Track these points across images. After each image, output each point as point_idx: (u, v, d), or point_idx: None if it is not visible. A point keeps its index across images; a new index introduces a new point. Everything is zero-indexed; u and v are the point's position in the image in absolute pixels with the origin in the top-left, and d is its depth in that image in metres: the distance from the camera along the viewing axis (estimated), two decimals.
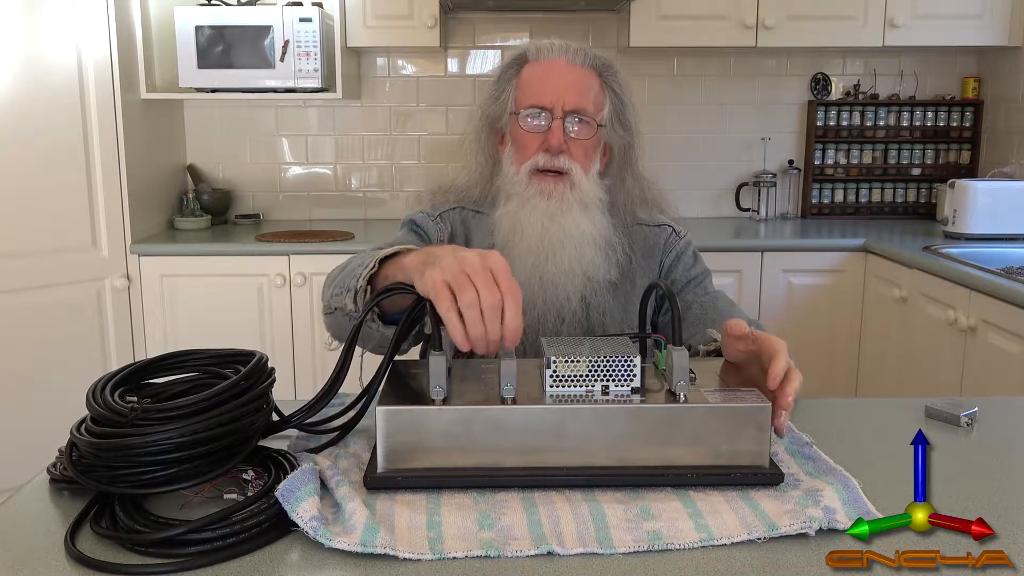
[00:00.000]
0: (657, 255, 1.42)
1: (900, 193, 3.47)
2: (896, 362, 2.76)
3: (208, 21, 2.91)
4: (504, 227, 1.32)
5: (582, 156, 1.31)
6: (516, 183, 1.32)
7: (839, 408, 1.19)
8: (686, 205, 3.46)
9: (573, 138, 1.30)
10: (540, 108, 1.30)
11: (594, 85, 1.33)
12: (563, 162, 1.29)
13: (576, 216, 1.30)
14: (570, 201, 1.30)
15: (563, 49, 1.33)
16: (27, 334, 2.59)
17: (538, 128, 1.31)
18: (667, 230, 1.44)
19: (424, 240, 1.38)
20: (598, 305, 1.35)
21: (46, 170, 2.59)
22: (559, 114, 1.29)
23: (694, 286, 1.41)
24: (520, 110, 1.32)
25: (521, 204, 1.31)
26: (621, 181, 1.38)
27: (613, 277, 1.36)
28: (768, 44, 3.08)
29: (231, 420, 0.85)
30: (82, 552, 0.77)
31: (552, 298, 1.30)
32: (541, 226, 1.29)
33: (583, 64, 1.32)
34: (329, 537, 0.77)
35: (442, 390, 0.90)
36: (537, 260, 1.29)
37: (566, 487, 0.89)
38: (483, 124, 1.39)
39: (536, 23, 3.36)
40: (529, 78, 1.33)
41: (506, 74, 1.36)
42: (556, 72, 1.32)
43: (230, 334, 2.80)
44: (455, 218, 1.41)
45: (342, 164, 3.43)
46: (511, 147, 1.35)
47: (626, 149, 1.37)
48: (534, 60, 1.35)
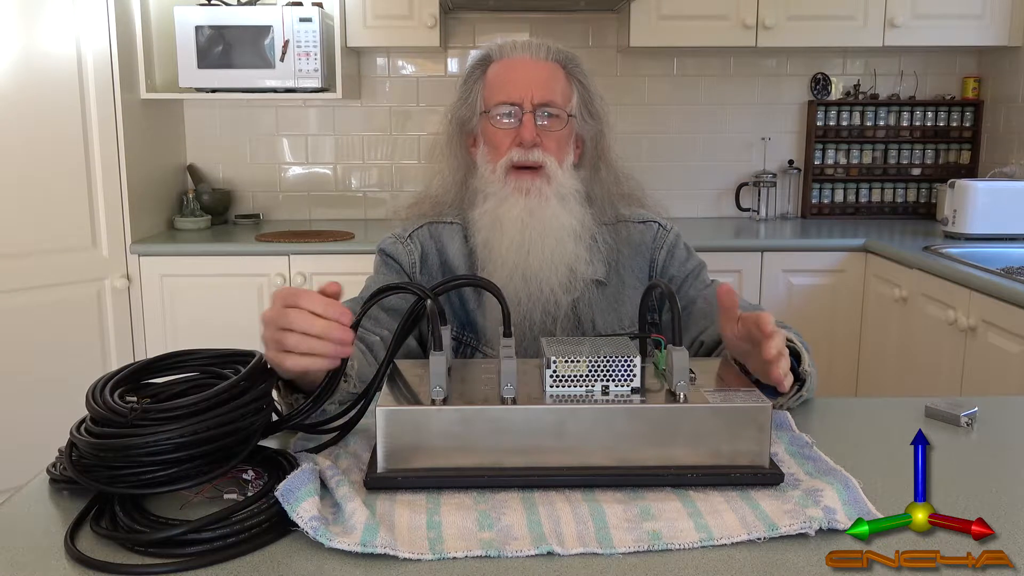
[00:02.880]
0: (646, 252, 1.42)
1: (900, 193, 3.47)
2: (896, 362, 2.76)
3: (208, 21, 2.91)
4: (484, 226, 1.32)
5: (556, 148, 1.32)
6: (492, 182, 1.32)
7: (839, 408, 1.19)
8: (686, 205, 3.46)
9: (545, 130, 1.31)
10: (510, 104, 1.31)
11: (560, 77, 1.34)
12: (537, 155, 1.30)
13: (555, 209, 1.30)
14: (547, 195, 1.30)
15: (526, 46, 1.35)
16: (27, 334, 2.59)
17: (509, 124, 1.32)
18: (653, 226, 1.44)
19: (395, 269, 1.38)
20: (587, 303, 1.35)
21: (46, 170, 2.59)
22: (528, 108, 1.30)
23: (692, 279, 1.41)
24: (490, 108, 1.33)
25: (499, 202, 1.31)
26: (595, 171, 1.39)
27: (600, 275, 1.36)
28: (768, 44, 3.08)
29: (231, 420, 0.85)
30: (82, 552, 0.77)
31: (536, 293, 1.30)
32: (521, 222, 1.30)
33: (547, 58, 1.34)
34: (329, 537, 0.77)
35: (442, 390, 0.90)
36: (518, 256, 1.30)
37: (566, 487, 0.89)
38: (453, 128, 1.40)
39: (536, 23, 3.35)
40: (495, 77, 1.34)
41: (472, 75, 1.38)
42: (521, 68, 1.33)
43: (230, 334, 2.76)
44: (424, 235, 1.41)
45: (342, 164, 3.43)
46: (484, 147, 1.36)
47: (597, 139, 1.38)
48: (498, 59, 1.36)
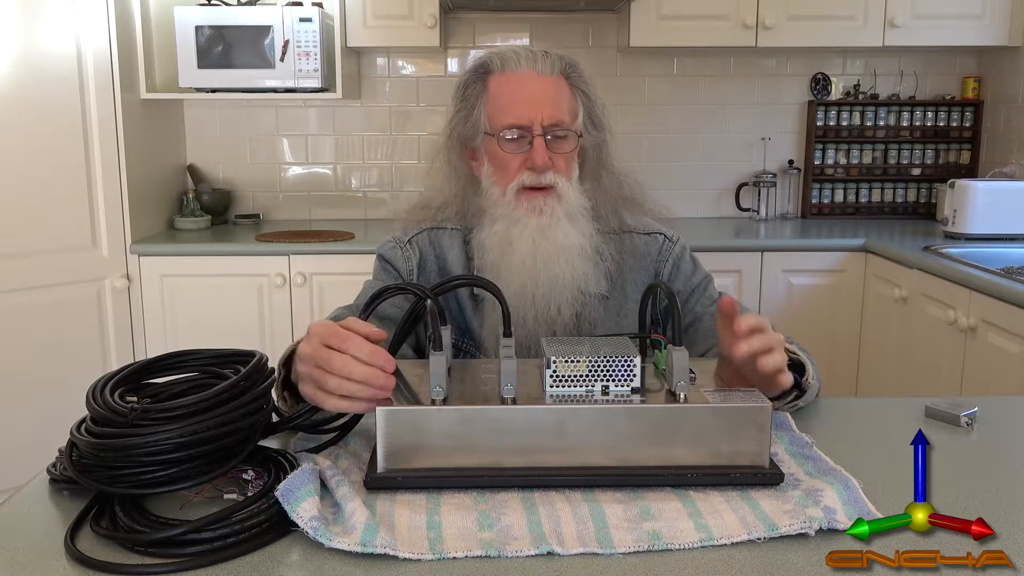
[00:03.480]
0: (649, 264, 1.38)
1: (900, 193, 3.47)
2: (896, 362, 2.76)
3: (208, 21, 2.91)
4: (494, 247, 1.29)
5: (565, 167, 1.29)
6: (502, 204, 1.28)
7: (839, 408, 1.19)
8: (686, 205, 3.46)
9: (555, 151, 1.27)
10: (518, 127, 1.26)
11: (565, 92, 1.29)
12: (550, 178, 1.26)
13: (565, 228, 1.27)
14: (559, 215, 1.27)
15: (530, 59, 1.29)
16: (27, 334, 2.59)
17: (519, 149, 1.27)
18: (658, 239, 1.40)
19: (393, 275, 1.36)
20: (589, 317, 1.31)
21: (46, 170, 2.59)
22: (538, 131, 1.25)
23: (699, 295, 1.38)
24: (497, 132, 1.27)
25: (511, 224, 1.28)
26: (598, 180, 1.35)
27: (603, 289, 1.33)
28: (768, 44, 3.08)
29: (231, 420, 0.85)
30: (82, 552, 0.77)
31: (544, 314, 1.27)
32: (532, 242, 1.26)
33: (551, 72, 1.29)
34: (329, 537, 0.77)
35: (442, 390, 0.90)
36: (529, 277, 1.27)
37: (566, 487, 0.89)
38: (453, 142, 1.34)
39: (536, 23, 3.35)
40: (499, 93, 1.29)
41: (472, 88, 1.32)
42: (527, 86, 1.28)
43: (230, 334, 2.80)
44: (423, 240, 1.38)
45: (342, 164, 3.43)
46: (489, 166, 1.31)
47: (599, 147, 1.35)
48: (500, 72, 1.30)
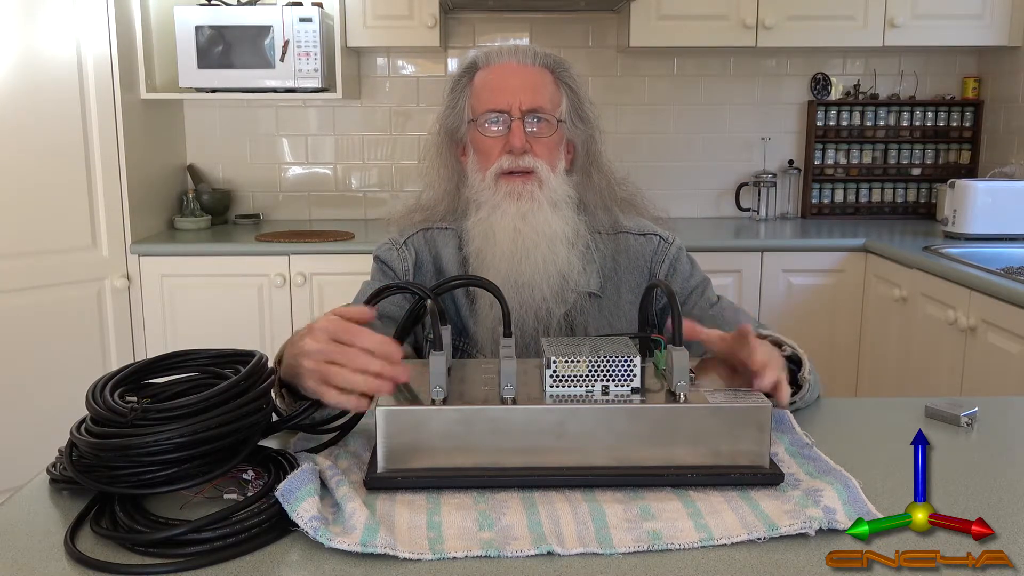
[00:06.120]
0: (644, 266, 1.38)
1: (900, 193, 3.47)
2: (896, 362, 2.76)
3: (208, 21, 2.91)
4: (477, 235, 1.31)
5: (546, 154, 1.30)
6: (484, 190, 1.30)
7: (839, 408, 1.19)
8: (686, 205, 3.46)
9: (535, 136, 1.29)
10: (497, 111, 1.29)
11: (548, 82, 1.32)
12: (528, 161, 1.28)
13: (547, 215, 1.29)
14: (540, 200, 1.28)
15: (512, 52, 1.33)
16: (27, 334, 2.59)
17: (498, 132, 1.29)
18: (654, 240, 1.40)
19: (389, 276, 1.37)
20: (581, 315, 1.32)
21: (46, 170, 2.59)
22: (517, 114, 1.28)
23: (696, 297, 1.38)
24: (477, 116, 1.31)
25: (492, 209, 1.30)
26: (588, 177, 1.36)
27: (593, 286, 1.33)
28: (768, 44, 3.08)
29: (231, 420, 0.85)
30: (82, 552, 0.77)
31: (528, 300, 1.28)
32: (513, 228, 1.28)
33: (534, 63, 1.32)
34: (329, 537, 0.77)
35: (442, 390, 0.90)
36: (511, 264, 1.28)
37: (566, 487, 0.89)
38: (442, 138, 1.38)
39: (536, 23, 3.35)
40: (482, 84, 1.32)
41: (459, 84, 1.35)
42: (508, 74, 1.31)
43: (230, 334, 2.80)
44: (419, 241, 1.39)
45: (342, 164, 3.43)
46: (474, 156, 1.34)
47: (588, 144, 1.36)
48: (484, 66, 1.34)
